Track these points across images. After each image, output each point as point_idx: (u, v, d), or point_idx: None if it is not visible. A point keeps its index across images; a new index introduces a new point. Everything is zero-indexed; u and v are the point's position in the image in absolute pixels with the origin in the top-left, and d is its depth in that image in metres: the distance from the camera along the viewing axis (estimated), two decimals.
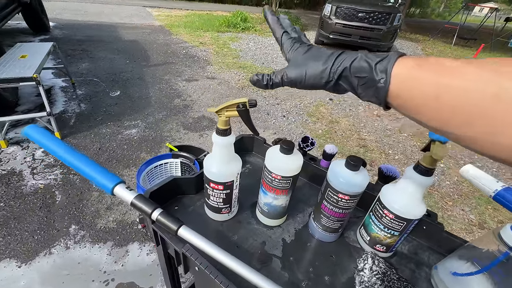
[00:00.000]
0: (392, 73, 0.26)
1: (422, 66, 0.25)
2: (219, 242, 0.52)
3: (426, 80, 0.24)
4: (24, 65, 1.84)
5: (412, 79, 0.25)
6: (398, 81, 0.26)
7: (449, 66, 0.23)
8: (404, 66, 0.26)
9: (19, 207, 1.38)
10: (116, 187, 0.48)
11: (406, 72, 0.26)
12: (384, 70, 0.27)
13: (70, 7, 6.94)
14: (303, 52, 0.33)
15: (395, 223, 0.47)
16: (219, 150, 0.48)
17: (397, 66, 0.26)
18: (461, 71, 0.22)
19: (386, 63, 0.27)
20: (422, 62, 0.25)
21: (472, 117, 0.21)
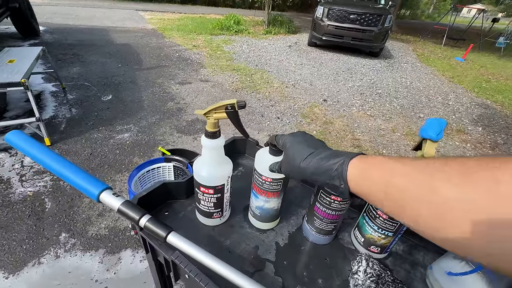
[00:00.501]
0: (348, 178, 0.31)
1: (370, 166, 0.30)
2: (211, 248, 0.51)
3: (375, 179, 0.29)
4: (12, 70, 1.80)
5: (365, 179, 0.30)
6: (354, 183, 0.31)
7: (389, 166, 0.28)
8: (355, 169, 0.31)
9: (7, 216, 1.34)
10: (102, 194, 0.46)
11: (358, 174, 0.31)
12: (339, 176, 0.32)
13: (61, 11, 6.86)
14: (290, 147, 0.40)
15: (388, 223, 0.46)
16: (208, 153, 0.47)
17: (350, 171, 0.31)
18: (396, 171, 0.27)
19: (341, 170, 0.32)
20: (369, 162, 0.30)
21: (415, 213, 0.24)
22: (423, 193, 0.23)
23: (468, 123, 3.01)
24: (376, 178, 0.28)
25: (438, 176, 0.22)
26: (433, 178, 0.23)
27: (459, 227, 0.21)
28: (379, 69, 4.83)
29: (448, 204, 0.21)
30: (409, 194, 0.24)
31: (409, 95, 3.68)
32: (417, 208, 0.24)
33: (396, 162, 0.27)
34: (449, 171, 0.22)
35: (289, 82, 3.64)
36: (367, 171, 0.30)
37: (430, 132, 0.38)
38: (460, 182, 0.21)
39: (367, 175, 0.30)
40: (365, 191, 0.30)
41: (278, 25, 7.57)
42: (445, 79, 4.67)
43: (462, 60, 6.23)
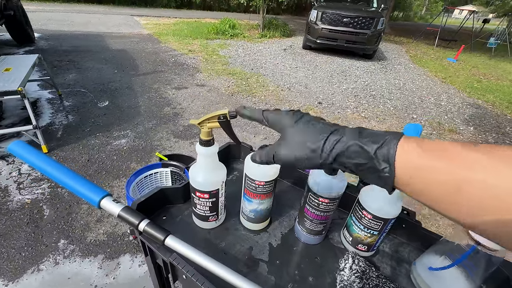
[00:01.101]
0: (396, 162, 0.24)
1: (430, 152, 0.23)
2: (207, 250, 0.54)
3: (442, 170, 0.22)
4: (8, 78, 1.81)
5: (423, 169, 0.23)
6: (406, 170, 0.24)
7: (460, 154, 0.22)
8: (409, 153, 0.24)
9: (5, 224, 1.35)
10: (103, 200, 0.48)
11: (414, 160, 0.24)
12: (386, 159, 0.25)
13: (56, 18, 6.86)
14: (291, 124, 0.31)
15: (373, 223, 0.49)
16: (203, 160, 0.50)
17: (401, 153, 0.24)
18: (477, 163, 0.21)
19: (387, 151, 0.25)
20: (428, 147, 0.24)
21: (499, 213, 0.20)
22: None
23: (460, 123, 3.07)
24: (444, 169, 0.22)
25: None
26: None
27: None
28: (372, 71, 4.90)
29: None
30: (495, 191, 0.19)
31: (402, 96, 3.74)
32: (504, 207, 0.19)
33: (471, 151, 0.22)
34: None
35: (284, 85, 3.69)
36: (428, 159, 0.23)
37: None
38: None
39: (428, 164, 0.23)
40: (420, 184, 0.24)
41: (273, 29, 7.65)
42: (438, 80, 4.76)
43: (454, 60, 6.35)
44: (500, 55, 7.89)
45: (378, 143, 0.26)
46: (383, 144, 0.25)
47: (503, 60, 7.22)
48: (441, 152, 0.23)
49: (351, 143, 0.27)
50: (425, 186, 0.23)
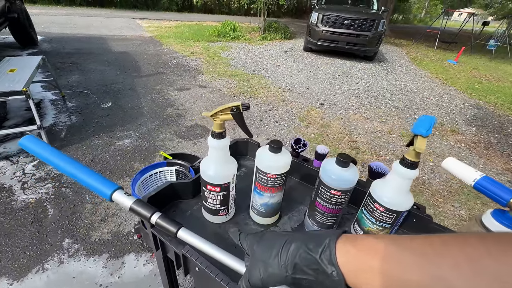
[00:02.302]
0: (339, 265, 0.26)
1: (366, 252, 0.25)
2: (217, 244, 0.53)
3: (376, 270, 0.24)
4: (13, 79, 1.83)
5: (361, 270, 0.25)
6: (350, 272, 0.26)
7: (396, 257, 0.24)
8: (347, 253, 0.26)
9: (10, 223, 1.34)
10: (115, 193, 0.49)
11: (351, 261, 0.26)
12: (330, 262, 0.26)
13: (58, 21, 6.92)
14: (254, 243, 0.34)
15: (385, 215, 0.49)
16: (215, 152, 0.50)
17: (340, 253, 0.26)
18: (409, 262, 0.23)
19: (329, 255, 0.26)
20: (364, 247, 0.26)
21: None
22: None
23: (462, 124, 3.07)
24: (378, 270, 0.24)
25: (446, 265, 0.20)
26: (442, 269, 0.21)
27: None
28: (374, 72, 4.91)
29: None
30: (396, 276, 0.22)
31: (404, 97, 3.75)
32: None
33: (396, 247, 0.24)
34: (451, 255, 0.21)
35: (286, 87, 3.70)
36: (362, 259, 0.25)
37: (420, 129, 0.41)
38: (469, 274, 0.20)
39: (363, 266, 0.25)
40: (366, 283, 0.25)
41: (273, 31, 7.69)
42: (439, 81, 4.77)
43: (454, 62, 6.36)
44: (500, 57, 7.90)
45: (321, 246, 0.27)
46: (324, 247, 0.27)
47: (503, 62, 7.24)
48: (376, 252, 0.25)
49: (301, 251, 0.28)
50: (371, 284, 0.24)
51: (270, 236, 0.33)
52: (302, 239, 0.30)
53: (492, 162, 2.34)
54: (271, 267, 0.30)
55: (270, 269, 0.30)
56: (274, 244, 0.31)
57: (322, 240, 0.28)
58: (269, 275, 0.30)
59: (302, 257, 0.28)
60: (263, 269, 0.31)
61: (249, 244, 0.35)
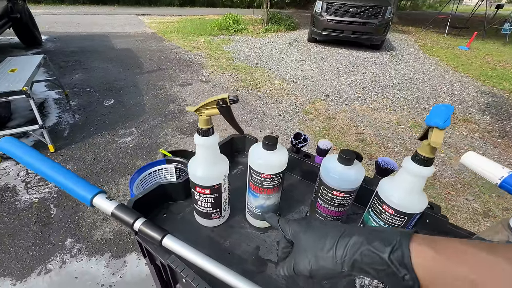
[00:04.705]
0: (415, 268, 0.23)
1: (445, 255, 0.22)
2: (211, 250, 0.49)
3: (461, 276, 0.21)
4: (14, 78, 1.82)
5: (444, 277, 0.22)
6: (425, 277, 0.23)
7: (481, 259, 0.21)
8: (425, 258, 0.23)
9: (13, 223, 1.35)
10: (96, 198, 0.45)
11: (431, 265, 0.22)
12: (402, 264, 0.23)
13: (62, 20, 6.94)
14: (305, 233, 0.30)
15: (395, 218, 0.44)
16: (202, 151, 0.45)
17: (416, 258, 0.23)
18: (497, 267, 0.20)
19: (401, 256, 0.23)
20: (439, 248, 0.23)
21: None
22: None
23: (475, 112, 2.93)
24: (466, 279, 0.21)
25: None
26: None
27: None
28: (381, 61, 4.75)
29: None
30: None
31: (413, 86, 3.61)
32: None
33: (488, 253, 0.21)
34: None
35: (290, 79, 3.61)
36: (444, 264, 0.22)
37: (436, 119, 0.35)
38: None
39: (445, 272, 0.22)
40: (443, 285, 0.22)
41: (277, 23, 7.53)
42: (450, 68, 4.57)
43: (466, 48, 6.09)
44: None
45: (390, 245, 0.24)
46: (395, 248, 0.24)
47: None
48: (457, 256, 0.22)
49: (363, 248, 0.26)
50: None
51: (320, 226, 0.30)
52: (364, 234, 0.27)
53: (508, 152, 2.22)
54: (323, 260, 0.27)
55: (322, 262, 0.28)
56: (326, 235, 0.28)
57: (391, 238, 0.25)
58: (320, 268, 0.28)
59: (364, 254, 0.25)
60: (313, 261, 0.28)
61: (294, 231, 0.32)
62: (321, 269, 0.28)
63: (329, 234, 0.28)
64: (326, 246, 0.28)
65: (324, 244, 0.28)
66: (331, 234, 0.28)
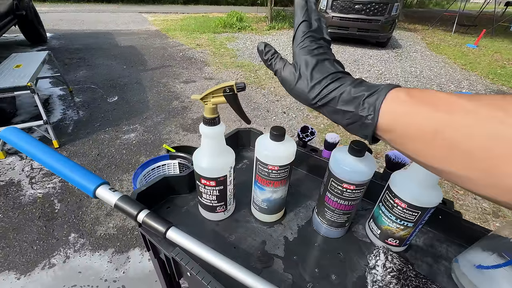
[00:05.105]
0: (381, 109, 0.24)
1: (416, 98, 0.23)
2: (216, 244, 0.48)
3: (422, 114, 0.22)
4: (19, 74, 1.82)
5: (406, 115, 0.23)
6: (388, 116, 0.24)
7: (446, 100, 0.21)
8: (396, 100, 0.24)
9: (18, 218, 1.35)
10: (99, 189, 0.44)
11: (399, 107, 0.23)
12: (372, 106, 0.24)
13: (67, 18, 6.97)
14: (306, 53, 0.30)
15: (408, 213, 0.42)
16: (208, 142, 0.44)
17: (388, 101, 0.24)
18: (460, 106, 0.20)
19: (375, 99, 0.24)
20: (415, 93, 0.23)
21: (472, 155, 0.19)
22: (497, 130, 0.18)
23: None
24: (425, 113, 0.21)
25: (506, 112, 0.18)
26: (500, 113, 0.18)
27: None
28: (387, 59, 4.69)
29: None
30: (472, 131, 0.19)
31: (419, 84, 3.56)
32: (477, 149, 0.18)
33: (454, 96, 0.21)
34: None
35: None
36: (413, 104, 0.23)
37: None
38: None
39: (412, 109, 0.22)
40: (401, 130, 0.23)
41: (281, 20, 7.48)
42: (457, 66, 4.50)
43: (474, 46, 5.99)
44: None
45: (369, 91, 0.25)
46: (373, 93, 0.25)
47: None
48: (426, 98, 0.22)
49: (346, 89, 0.27)
50: (404, 131, 0.23)
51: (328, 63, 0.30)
52: (352, 81, 0.27)
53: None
54: (305, 84, 0.29)
55: (303, 84, 0.29)
56: (323, 72, 0.28)
57: (374, 88, 0.25)
58: (300, 92, 0.29)
59: (343, 97, 0.27)
60: (298, 81, 0.29)
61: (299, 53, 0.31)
62: (298, 91, 0.29)
63: (326, 72, 0.28)
64: (315, 75, 0.28)
65: (318, 77, 0.28)
66: (328, 73, 0.28)
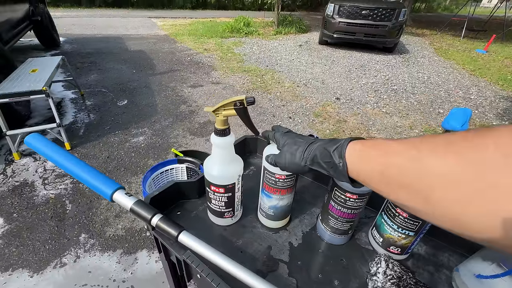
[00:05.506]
0: (346, 157, 0.32)
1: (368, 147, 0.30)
2: (223, 248, 0.50)
3: (372, 159, 0.28)
4: (35, 79, 1.90)
5: (362, 159, 0.30)
6: (354, 163, 0.31)
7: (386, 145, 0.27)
8: (354, 149, 0.31)
9: (31, 217, 1.40)
10: (116, 193, 0.47)
11: (357, 154, 0.31)
12: (340, 155, 0.32)
13: (79, 23, 7.19)
14: (284, 141, 0.41)
15: (409, 222, 0.43)
16: (218, 151, 0.47)
17: (350, 150, 0.32)
18: (394, 149, 0.26)
19: (340, 149, 0.32)
20: (368, 144, 0.31)
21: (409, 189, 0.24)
22: (414, 168, 0.23)
23: (493, 118, 2.84)
24: (373, 158, 0.28)
25: (425, 148, 0.23)
26: (421, 152, 0.23)
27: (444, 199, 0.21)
28: (394, 64, 4.67)
29: (433, 177, 0.21)
30: (404, 171, 0.24)
31: (427, 90, 3.53)
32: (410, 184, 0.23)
33: (394, 141, 0.27)
34: (434, 142, 0.23)
35: (300, 82, 3.60)
36: (365, 152, 0.30)
37: (453, 123, 0.36)
38: (443, 152, 0.21)
39: (365, 156, 0.30)
40: (363, 173, 0.30)
41: (288, 25, 7.54)
42: (466, 72, 4.45)
43: (484, 52, 5.91)
44: None
45: (336, 144, 0.34)
46: (338, 146, 0.33)
47: None
48: (376, 146, 0.29)
49: (320, 148, 0.36)
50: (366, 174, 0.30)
51: (297, 138, 0.41)
52: (325, 141, 0.36)
53: None
54: (293, 157, 0.39)
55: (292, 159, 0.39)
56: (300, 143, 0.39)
57: (340, 141, 0.34)
58: (291, 163, 0.39)
59: (320, 152, 0.35)
60: (288, 157, 0.39)
61: (277, 140, 0.43)
62: (291, 164, 0.39)
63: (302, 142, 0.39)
64: (298, 149, 0.38)
65: (297, 148, 0.39)
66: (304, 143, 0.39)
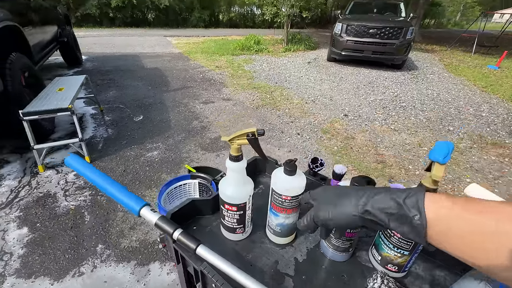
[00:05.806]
0: (426, 211, 0.26)
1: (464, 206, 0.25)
2: (235, 261, 0.56)
3: (484, 223, 0.24)
4: (61, 97, 2.06)
5: (460, 219, 0.25)
6: (440, 221, 0.26)
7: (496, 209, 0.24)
8: (439, 203, 0.26)
9: (53, 227, 1.49)
10: (142, 209, 0.54)
11: (447, 211, 0.26)
12: (415, 206, 0.27)
13: (100, 42, 7.67)
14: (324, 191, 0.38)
15: (403, 242, 0.48)
16: (232, 174, 0.53)
17: (430, 203, 0.27)
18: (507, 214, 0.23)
19: (415, 200, 0.27)
20: (459, 201, 0.26)
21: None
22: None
23: (506, 136, 2.80)
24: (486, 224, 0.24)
25: None
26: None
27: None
28: (402, 81, 4.71)
29: None
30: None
31: (436, 107, 3.54)
32: None
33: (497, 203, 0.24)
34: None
35: (308, 98, 3.69)
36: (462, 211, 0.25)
37: (436, 155, 0.40)
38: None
39: (464, 216, 0.25)
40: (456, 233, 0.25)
41: (297, 42, 7.77)
42: (477, 89, 4.43)
43: (496, 68, 5.87)
44: None
45: (405, 193, 0.28)
46: (410, 194, 0.28)
47: None
48: (476, 206, 0.25)
49: (381, 195, 0.30)
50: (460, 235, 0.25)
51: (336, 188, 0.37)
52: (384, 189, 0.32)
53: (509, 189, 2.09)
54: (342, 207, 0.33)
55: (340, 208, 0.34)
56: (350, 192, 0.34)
57: (408, 190, 0.29)
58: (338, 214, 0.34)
59: (380, 200, 0.30)
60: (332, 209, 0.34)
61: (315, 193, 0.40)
62: (339, 214, 0.33)
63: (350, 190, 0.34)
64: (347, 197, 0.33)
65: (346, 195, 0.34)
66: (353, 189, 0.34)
